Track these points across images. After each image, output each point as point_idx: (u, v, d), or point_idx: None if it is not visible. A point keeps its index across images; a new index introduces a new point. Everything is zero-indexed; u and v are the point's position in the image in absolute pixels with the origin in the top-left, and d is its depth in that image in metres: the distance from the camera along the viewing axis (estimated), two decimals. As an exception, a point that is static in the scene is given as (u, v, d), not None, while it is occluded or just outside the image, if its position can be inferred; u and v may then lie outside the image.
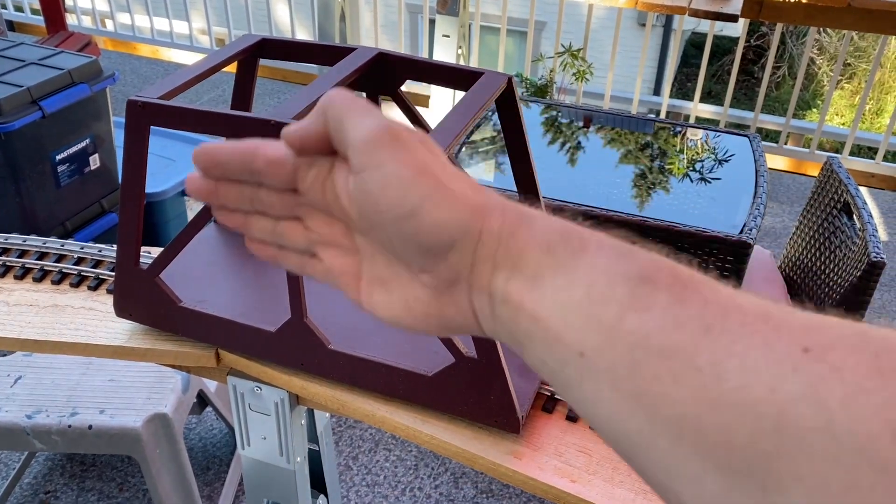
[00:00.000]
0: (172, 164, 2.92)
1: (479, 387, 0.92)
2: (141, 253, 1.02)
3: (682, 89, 9.46)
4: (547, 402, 1.00)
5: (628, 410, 0.34)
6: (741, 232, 1.67)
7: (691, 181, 1.97)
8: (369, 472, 2.19)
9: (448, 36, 3.46)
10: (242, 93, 1.09)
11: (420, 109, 4.54)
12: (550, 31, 7.41)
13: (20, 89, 2.13)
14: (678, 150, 2.14)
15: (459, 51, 3.54)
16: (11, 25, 5.20)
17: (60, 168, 2.30)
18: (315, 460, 1.42)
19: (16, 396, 1.72)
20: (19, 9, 5.27)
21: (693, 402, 0.31)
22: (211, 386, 1.96)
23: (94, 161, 2.42)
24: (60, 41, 3.81)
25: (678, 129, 2.26)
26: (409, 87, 4.37)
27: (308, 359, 1.00)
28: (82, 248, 1.25)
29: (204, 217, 0.95)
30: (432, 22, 4.09)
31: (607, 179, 1.96)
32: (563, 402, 1.00)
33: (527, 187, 1.01)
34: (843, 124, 8.45)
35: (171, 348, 1.08)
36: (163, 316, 1.06)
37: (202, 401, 1.95)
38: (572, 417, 0.98)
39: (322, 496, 1.45)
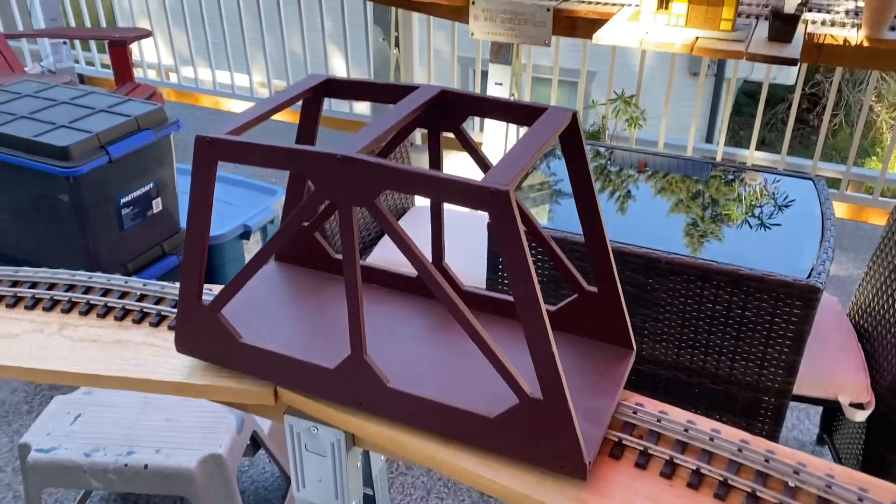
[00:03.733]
0: (231, 207, 2.98)
1: (543, 429, 0.88)
2: (203, 290, 1.02)
3: (735, 137, 9.35)
4: (615, 448, 0.96)
5: None
6: (809, 276, 1.61)
7: (751, 226, 1.92)
8: (418, 520, 2.13)
9: (501, 84, 3.49)
10: (307, 131, 1.10)
11: None
12: (601, 80, 7.43)
13: (89, 135, 2.21)
14: (738, 194, 2.10)
15: (512, 97, 3.57)
16: (82, 79, 5.44)
17: (124, 211, 2.36)
18: (368, 503, 1.39)
19: (75, 434, 1.74)
20: (90, 63, 5.52)
21: None
22: (265, 427, 1.95)
23: (157, 205, 2.48)
24: (128, 91, 3.96)
25: (736, 173, 2.22)
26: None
27: (366, 397, 0.99)
28: (145, 286, 1.26)
29: (265, 255, 0.95)
30: (484, 74, 4.14)
31: (666, 223, 1.92)
32: (632, 447, 0.96)
33: (592, 223, 0.99)
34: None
35: (230, 385, 1.08)
36: (223, 352, 1.06)
37: (255, 443, 1.94)
38: (641, 464, 0.94)
39: (376, 542, 1.41)
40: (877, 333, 1.91)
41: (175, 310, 1.21)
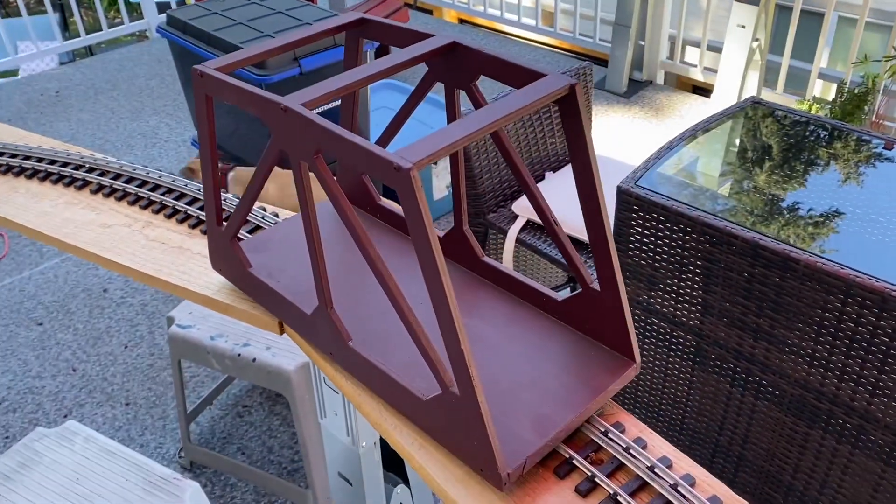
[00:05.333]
0: (426, 129, 3.05)
1: (461, 425, 0.82)
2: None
3: None
4: (561, 466, 0.86)
5: None
6: None
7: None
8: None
9: (744, 26, 3.09)
10: (351, 61, 1.07)
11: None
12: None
13: (286, 47, 2.36)
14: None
15: (755, 44, 3.15)
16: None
17: (313, 121, 2.52)
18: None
19: (210, 317, 1.95)
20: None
21: None
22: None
23: (347, 119, 2.61)
24: (375, 5, 4.14)
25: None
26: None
27: (335, 350, 0.98)
28: (225, 200, 1.35)
29: (256, 187, 0.96)
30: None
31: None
32: (581, 470, 0.85)
33: (593, 217, 0.86)
34: None
35: (246, 308, 1.13)
36: (238, 277, 1.11)
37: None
38: (581, 491, 0.83)
39: (402, 485, 1.42)
40: None
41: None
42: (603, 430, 0.89)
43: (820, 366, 1.48)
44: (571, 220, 1.75)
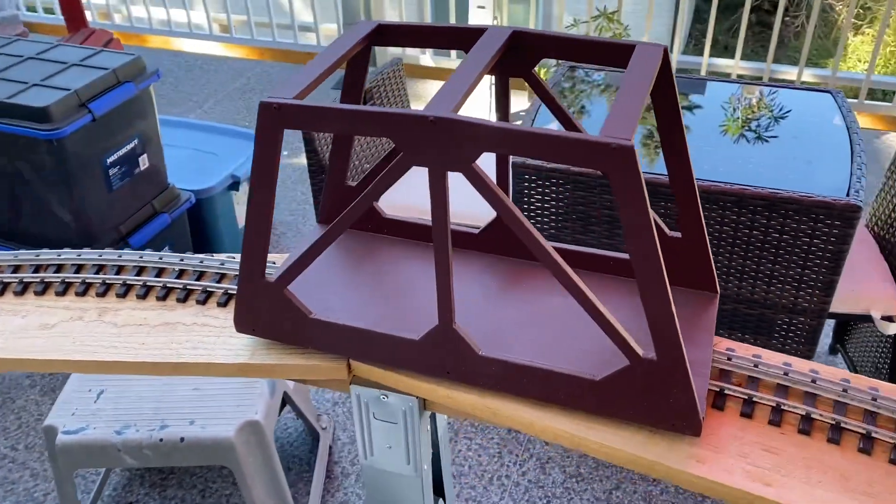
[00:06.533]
0: (215, 158, 2.85)
1: (657, 389, 0.84)
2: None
3: (698, 45, 9.27)
4: (717, 399, 0.93)
5: None
6: (847, 194, 1.59)
7: (764, 142, 1.87)
8: (453, 463, 2.13)
9: (483, 7, 3.35)
10: (355, 85, 1.01)
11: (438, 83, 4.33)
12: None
13: (68, 93, 2.05)
14: (754, 111, 2.05)
15: (495, 21, 3.43)
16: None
17: (112, 171, 2.23)
18: (434, 464, 1.36)
19: (101, 412, 1.67)
20: (32, 9, 5.18)
21: None
22: (289, 385, 1.90)
23: (144, 161, 2.35)
24: (84, 38, 3.72)
25: (739, 88, 2.16)
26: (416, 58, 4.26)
27: (455, 366, 0.94)
28: (182, 260, 1.18)
29: (341, 227, 0.88)
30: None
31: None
32: (735, 397, 0.93)
33: (680, 166, 0.93)
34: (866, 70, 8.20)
35: (299, 362, 1.02)
36: (290, 329, 0.99)
37: (282, 402, 1.90)
38: (747, 413, 0.91)
39: (440, 499, 1.39)
40: (901, 244, 1.91)
41: (220, 285, 1.14)
42: (726, 357, 0.97)
43: (722, 273, 1.72)
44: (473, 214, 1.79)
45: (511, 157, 1.70)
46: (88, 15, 5.07)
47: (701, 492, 0.86)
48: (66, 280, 1.15)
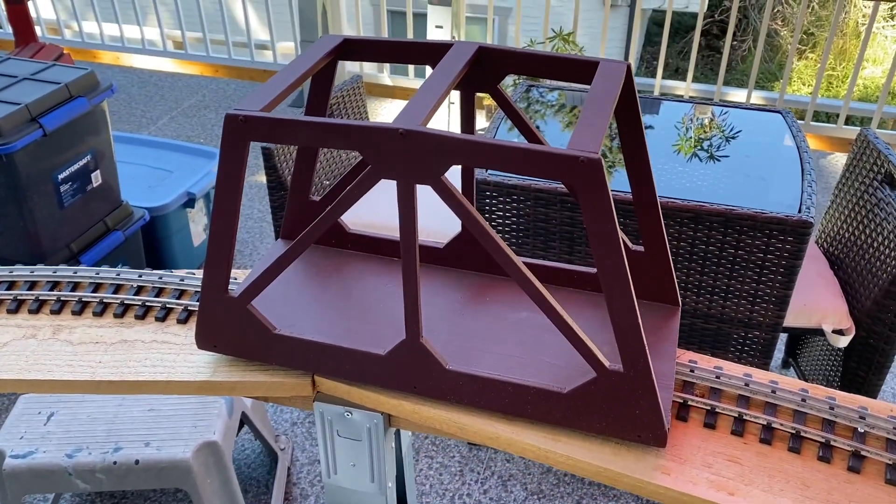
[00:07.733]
0: (170, 175, 2.81)
1: (623, 401, 0.85)
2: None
3: (649, 68, 9.48)
4: (681, 410, 0.94)
5: None
6: (799, 211, 1.63)
7: (716, 161, 1.92)
8: (415, 483, 2.11)
9: (441, 27, 3.37)
10: (320, 99, 1.01)
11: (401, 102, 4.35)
12: (515, 17, 7.33)
13: (18, 107, 2.00)
14: (707, 131, 2.10)
15: (453, 39, 3.47)
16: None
17: (63, 188, 2.18)
18: (398, 482, 1.35)
19: (51, 435, 1.61)
20: (-22, 22, 5.05)
21: None
22: (247, 403, 1.87)
23: (96, 178, 2.30)
24: (34, 53, 3.64)
25: (692, 108, 2.21)
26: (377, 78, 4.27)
27: (421, 381, 0.93)
28: (141, 276, 1.15)
29: (306, 241, 0.87)
30: (417, 16, 4.01)
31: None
32: (698, 408, 0.94)
33: (643, 182, 0.95)
34: (811, 94, 8.49)
35: (262, 379, 1.00)
36: (254, 346, 0.98)
37: (240, 422, 1.86)
38: (710, 424, 0.93)
39: (405, 517, 1.38)
40: (849, 260, 1.97)
41: (180, 301, 1.11)
42: (689, 368, 0.98)
43: (679, 288, 1.75)
44: (432, 229, 1.80)
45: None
46: (38, 30, 4.98)
47: (666, 503, 0.87)
48: (19, 297, 1.12)
